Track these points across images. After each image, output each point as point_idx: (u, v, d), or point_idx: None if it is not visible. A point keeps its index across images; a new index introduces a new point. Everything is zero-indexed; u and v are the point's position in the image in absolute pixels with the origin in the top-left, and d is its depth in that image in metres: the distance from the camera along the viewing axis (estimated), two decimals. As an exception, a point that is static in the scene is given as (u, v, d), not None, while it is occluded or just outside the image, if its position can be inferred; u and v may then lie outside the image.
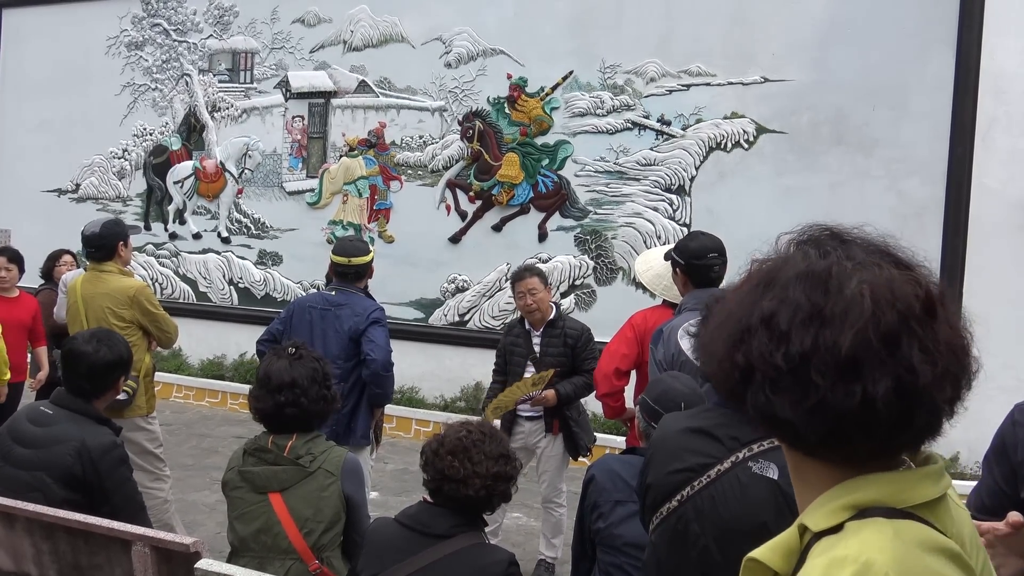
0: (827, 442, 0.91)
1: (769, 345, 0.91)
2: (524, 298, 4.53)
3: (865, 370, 0.87)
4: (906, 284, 0.91)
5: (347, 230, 8.35)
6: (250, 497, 2.64)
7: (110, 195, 9.67)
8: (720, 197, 6.93)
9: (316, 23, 8.53)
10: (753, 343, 0.92)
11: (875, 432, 0.89)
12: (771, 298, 0.94)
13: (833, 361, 0.88)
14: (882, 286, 0.90)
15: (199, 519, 5.33)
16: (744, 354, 0.93)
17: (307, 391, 2.64)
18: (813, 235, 1.00)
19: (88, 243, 4.40)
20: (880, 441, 0.90)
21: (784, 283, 0.94)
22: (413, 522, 2.28)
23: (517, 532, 5.35)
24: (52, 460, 2.81)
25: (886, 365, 0.87)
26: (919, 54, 6.32)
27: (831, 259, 0.94)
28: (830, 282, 0.91)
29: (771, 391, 0.91)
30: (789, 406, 0.90)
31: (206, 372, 8.77)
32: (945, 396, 0.90)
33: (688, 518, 1.78)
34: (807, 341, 0.89)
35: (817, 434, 0.90)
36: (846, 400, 0.87)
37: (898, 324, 0.88)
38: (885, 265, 0.93)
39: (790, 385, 0.90)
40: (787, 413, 0.90)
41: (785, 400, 0.90)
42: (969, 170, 6.16)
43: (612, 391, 4.03)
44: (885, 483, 0.92)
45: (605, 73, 7.32)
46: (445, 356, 7.86)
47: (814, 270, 0.93)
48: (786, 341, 0.90)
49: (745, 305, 0.96)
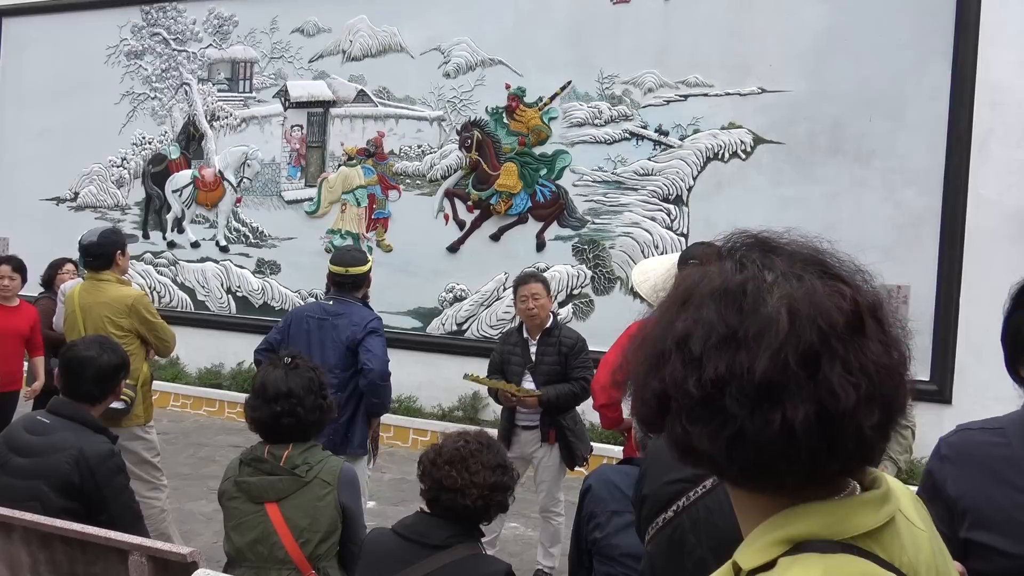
0: (750, 474, 0.84)
1: (683, 371, 0.84)
2: (527, 302, 4.53)
3: (784, 395, 0.80)
4: (829, 297, 0.83)
5: (345, 239, 8.37)
6: (246, 507, 2.64)
7: (108, 203, 9.68)
8: (718, 207, 6.95)
9: (315, 33, 8.57)
10: (667, 369, 0.86)
11: (797, 461, 0.81)
12: (685, 318, 0.87)
13: (749, 387, 0.81)
14: (801, 300, 0.83)
15: (196, 528, 5.32)
16: (659, 380, 0.87)
17: (303, 401, 2.65)
18: (735, 245, 0.93)
19: (86, 252, 4.41)
20: (805, 470, 0.82)
21: (699, 301, 0.87)
22: (410, 532, 2.28)
23: (515, 542, 5.35)
24: (50, 468, 2.82)
25: (805, 389, 0.80)
26: (915, 65, 6.35)
27: (747, 273, 0.87)
28: (745, 300, 0.84)
29: (687, 421, 0.84)
30: (707, 437, 0.83)
31: (204, 381, 8.76)
32: (872, 421, 0.82)
33: (684, 528, 1.78)
34: (721, 366, 0.82)
35: (738, 466, 0.83)
36: (765, 429, 0.80)
37: (818, 343, 0.81)
38: (808, 277, 0.85)
39: (706, 414, 0.83)
40: (705, 444, 0.84)
41: (702, 431, 0.83)
42: (965, 180, 6.19)
43: (609, 402, 4.03)
44: (819, 514, 0.84)
45: (603, 83, 7.35)
46: (443, 365, 7.85)
47: (728, 287, 0.86)
48: (699, 367, 0.83)
49: (662, 326, 0.89)
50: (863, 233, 6.41)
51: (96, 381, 3.07)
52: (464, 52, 7.89)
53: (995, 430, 1.72)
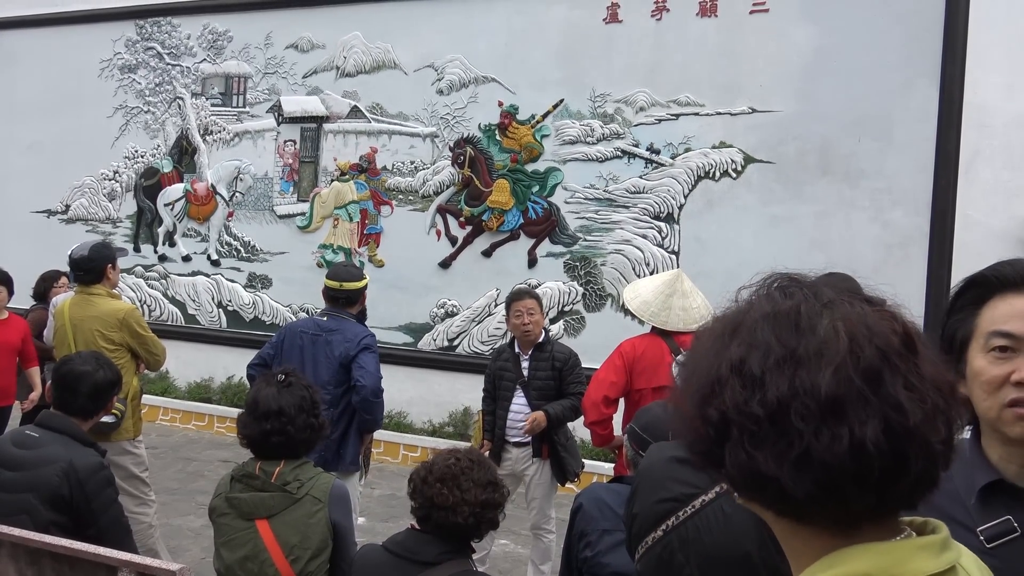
0: (817, 499, 0.81)
1: (743, 393, 0.83)
2: (521, 317, 4.54)
3: (849, 411, 0.79)
4: (881, 320, 0.85)
5: (337, 254, 8.38)
6: (237, 524, 2.64)
7: (100, 216, 9.66)
8: (708, 225, 7.00)
9: (309, 49, 8.61)
10: (725, 394, 0.84)
11: (867, 481, 0.80)
12: (738, 344, 0.86)
13: (814, 403, 0.80)
14: (855, 322, 0.84)
15: (184, 544, 5.29)
16: (716, 408, 0.85)
17: (294, 420, 2.64)
18: (774, 281, 0.94)
19: (76, 266, 4.40)
20: (874, 492, 0.81)
21: (751, 327, 0.87)
22: (401, 549, 2.28)
23: (505, 559, 5.34)
24: (39, 481, 2.81)
25: (871, 404, 0.80)
26: (904, 87, 6.43)
27: (797, 298, 0.88)
28: (800, 321, 0.85)
29: (751, 445, 0.82)
30: (773, 460, 0.81)
31: (193, 395, 8.73)
32: (940, 436, 0.82)
33: (673, 548, 1.80)
34: (783, 385, 0.81)
35: (805, 489, 0.80)
36: (833, 446, 0.79)
37: (878, 360, 0.81)
38: (856, 302, 0.87)
39: (771, 436, 0.81)
40: (771, 468, 0.81)
41: (768, 454, 0.81)
42: (953, 201, 6.25)
43: (600, 419, 4.05)
44: (876, 554, 0.82)
45: (595, 102, 7.40)
46: (434, 381, 7.86)
47: (780, 310, 0.87)
48: (761, 387, 0.82)
49: (711, 357, 0.88)
50: (852, 252, 6.47)
51: (91, 396, 3.08)
52: (457, 69, 7.94)
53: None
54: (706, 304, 4.15)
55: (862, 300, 0.89)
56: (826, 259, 6.52)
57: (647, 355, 4.01)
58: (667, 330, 4.06)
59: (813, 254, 6.57)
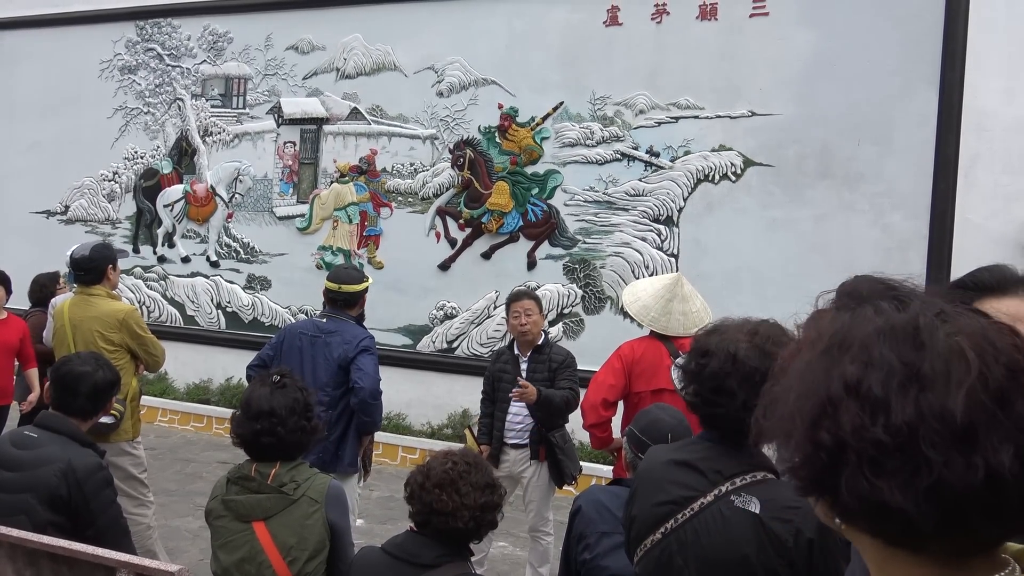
0: (944, 530, 0.75)
1: (863, 417, 0.76)
2: (519, 318, 4.54)
3: (982, 436, 0.73)
4: (1000, 334, 0.79)
5: (336, 256, 8.38)
6: (233, 526, 2.63)
7: (99, 217, 9.66)
8: (708, 228, 7.00)
9: (309, 50, 8.61)
10: (841, 417, 0.77)
11: (1001, 511, 0.74)
12: (852, 361, 0.79)
13: (946, 429, 0.73)
14: (978, 338, 0.77)
15: (182, 546, 5.28)
16: (830, 431, 0.78)
17: (285, 421, 2.64)
18: (867, 288, 0.87)
19: (77, 266, 4.40)
20: (1006, 525, 0.76)
21: (863, 342, 0.80)
22: (400, 551, 2.28)
23: (503, 561, 5.33)
24: (37, 481, 2.81)
25: (1003, 428, 0.74)
26: (903, 91, 6.44)
27: (912, 310, 0.81)
28: (919, 336, 0.78)
29: (873, 473, 0.76)
30: (899, 490, 0.75)
31: (192, 396, 8.73)
32: None
33: (671, 551, 1.80)
34: (909, 408, 0.75)
35: (933, 521, 0.74)
36: (968, 475, 0.73)
37: (1007, 379, 0.75)
38: (969, 314, 0.81)
39: (897, 464, 0.75)
40: (898, 499, 0.75)
41: (893, 483, 0.75)
42: (952, 205, 6.26)
43: (599, 422, 4.04)
44: None
45: (595, 104, 7.41)
46: (433, 383, 7.86)
47: (896, 324, 0.80)
48: (884, 410, 0.76)
49: (817, 374, 0.81)
50: (851, 256, 6.47)
51: (91, 397, 3.09)
52: (457, 71, 7.95)
53: None
54: (705, 307, 4.15)
55: (972, 312, 0.83)
56: (825, 263, 6.54)
57: (646, 358, 4.01)
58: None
59: (812, 258, 6.58)
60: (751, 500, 1.75)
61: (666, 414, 2.41)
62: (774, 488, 1.81)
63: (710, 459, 1.80)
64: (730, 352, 1.76)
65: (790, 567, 1.74)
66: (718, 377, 1.76)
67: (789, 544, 1.73)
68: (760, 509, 1.75)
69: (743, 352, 1.76)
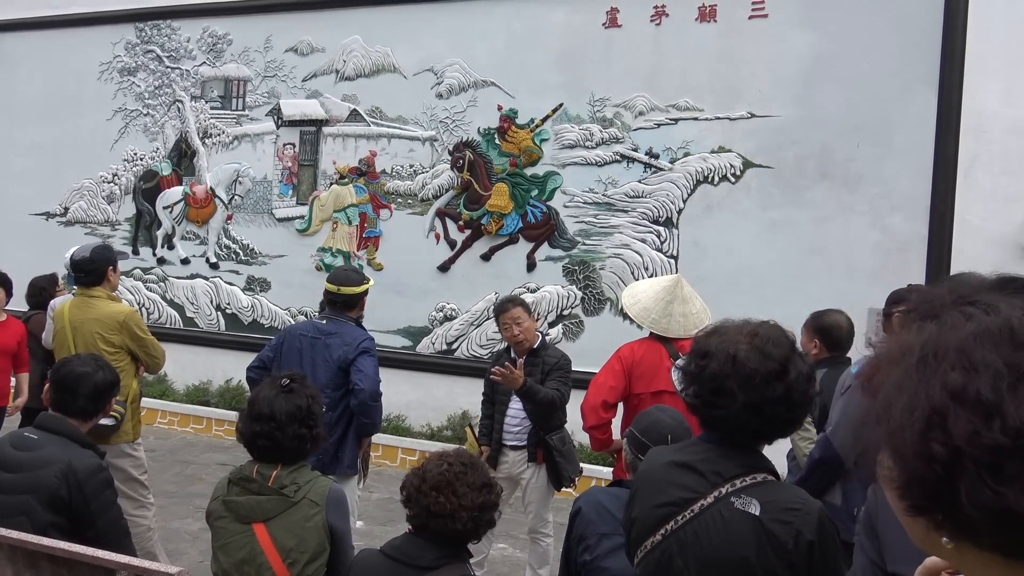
0: None
1: (976, 422, 0.75)
2: (510, 328, 4.54)
3: None
4: None
5: (336, 257, 8.38)
6: (234, 527, 2.63)
7: (99, 219, 9.66)
8: (707, 230, 7.00)
9: (309, 52, 8.61)
10: (952, 426, 0.76)
11: None
12: (952, 368, 0.78)
13: None
14: None
15: (182, 547, 5.28)
16: (942, 442, 0.76)
17: (283, 427, 2.63)
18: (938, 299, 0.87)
19: (77, 268, 4.40)
20: None
21: (960, 348, 0.79)
22: (399, 553, 2.28)
23: (503, 563, 5.33)
24: (38, 483, 2.81)
25: None
26: (902, 93, 6.44)
27: (1002, 312, 0.81)
28: (1016, 336, 0.78)
29: (995, 480, 0.73)
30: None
31: (191, 398, 8.72)
32: None
33: (671, 552, 1.80)
34: (1023, 410, 0.74)
35: None
36: None
37: None
38: None
39: (1019, 467, 0.73)
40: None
41: (1018, 487, 0.73)
42: (951, 206, 6.26)
43: (599, 423, 4.04)
44: None
45: (594, 106, 7.41)
46: (432, 385, 7.86)
47: (991, 327, 0.79)
48: (999, 413, 0.74)
49: (915, 387, 0.80)
50: (850, 258, 6.48)
51: (91, 398, 3.10)
52: (457, 73, 7.95)
53: None
54: (705, 309, 4.15)
55: None
56: (825, 264, 6.55)
57: (646, 359, 4.01)
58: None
59: (811, 259, 6.58)
60: (751, 502, 1.76)
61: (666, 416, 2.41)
62: (774, 490, 1.81)
63: (710, 461, 1.81)
64: (730, 354, 1.76)
65: (790, 569, 1.74)
66: (718, 378, 1.77)
67: (789, 546, 1.74)
68: (760, 511, 1.75)
69: (743, 354, 1.76)
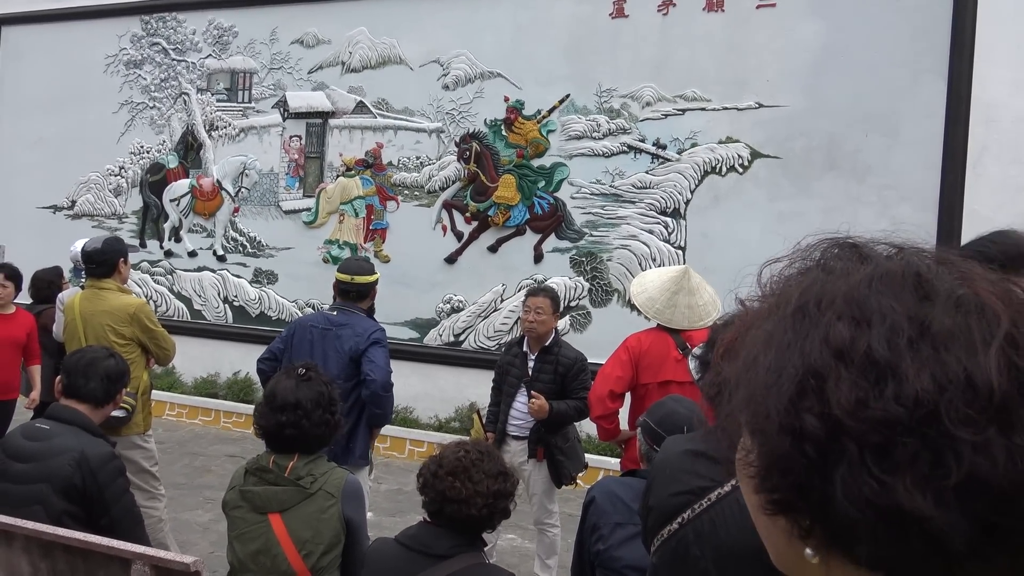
0: (982, 549, 0.55)
1: (864, 387, 0.57)
2: (529, 314, 4.56)
3: (1021, 412, 0.55)
4: (1003, 285, 0.62)
5: (343, 249, 8.38)
6: (250, 517, 2.64)
7: (106, 212, 9.68)
8: (714, 221, 6.99)
9: (315, 44, 8.60)
10: (831, 392, 0.58)
11: None
12: (837, 317, 0.61)
13: (977, 400, 0.55)
14: (995, 288, 0.61)
15: (192, 539, 5.31)
16: (817, 414, 0.58)
17: (310, 414, 2.65)
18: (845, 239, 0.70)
19: (89, 259, 4.41)
20: None
21: (850, 295, 0.62)
22: (414, 542, 2.29)
23: (512, 554, 5.34)
24: (52, 471, 2.83)
25: None
26: (911, 83, 6.42)
27: (906, 256, 0.65)
28: (922, 284, 0.61)
29: (882, 467, 0.56)
30: (917, 488, 0.55)
31: (199, 390, 8.75)
32: None
33: (688, 541, 1.80)
34: (924, 374, 0.56)
35: (965, 533, 0.54)
36: (1011, 465, 0.54)
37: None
38: (975, 263, 0.64)
39: (914, 450, 0.55)
40: (918, 501, 0.54)
41: (910, 478, 0.55)
42: (961, 197, 6.24)
43: (606, 413, 4.05)
44: None
45: (601, 97, 7.40)
46: (440, 376, 7.87)
47: (890, 270, 0.63)
48: (893, 376, 0.57)
49: (787, 343, 0.62)
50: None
51: (103, 380, 3.11)
52: (463, 65, 7.94)
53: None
54: (715, 300, 4.14)
55: (974, 261, 0.65)
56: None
57: (653, 350, 4.01)
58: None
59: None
60: (769, 490, 1.75)
61: (681, 406, 2.41)
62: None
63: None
64: (747, 343, 1.76)
65: (806, 557, 1.74)
66: (735, 368, 1.76)
67: (806, 534, 1.73)
68: (777, 499, 1.74)
69: (760, 343, 1.75)
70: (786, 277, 0.70)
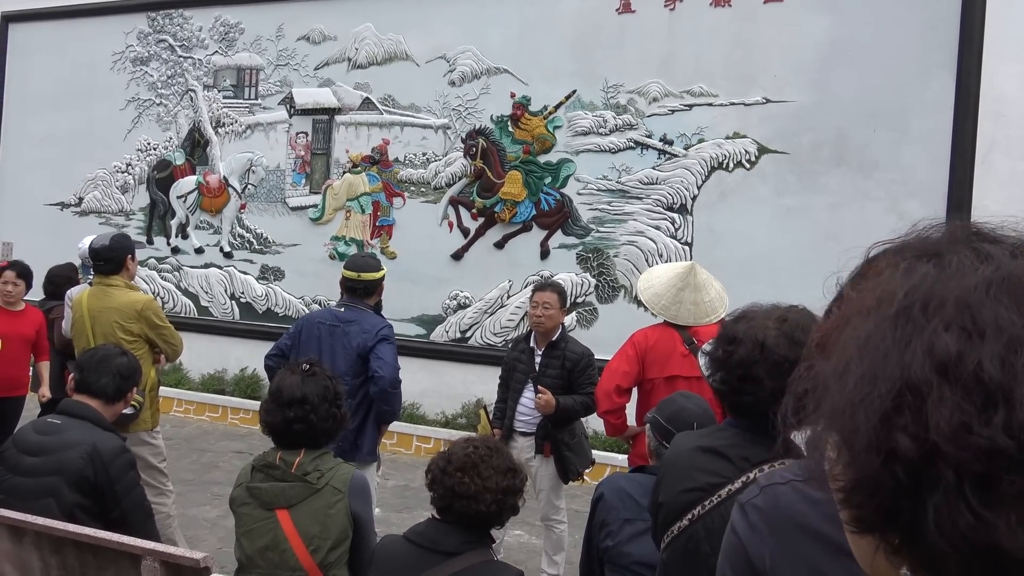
0: None
1: (967, 411, 0.51)
2: (536, 308, 4.56)
3: None
4: None
5: (350, 246, 8.39)
6: (257, 513, 2.65)
7: (113, 209, 9.70)
8: (722, 216, 6.97)
9: (321, 40, 8.60)
10: (931, 412, 0.52)
11: None
12: (945, 327, 0.54)
13: None
14: None
15: (200, 535, 5.32)
16: (912, 434, 0.52)
17: (317, 408, 2.66)
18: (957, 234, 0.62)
19: (97, 256, 4.42)
20: None
21: (963, 300, 0.55)
22: (422, 539, 2.29)
23: (519, 550, 5.35)
24: (64, 464, 2.85)
25: None
26: (919, 77, 6.38)
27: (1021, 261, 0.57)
28: None
29: (982, 501, 0.50)
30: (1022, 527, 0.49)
31: (207, 386, 8.77)
32: None
33: (698, 537, 1.80)
34: None
35: None
36: None
37: None
38: None
39: (1022, 488, 0.49)
40: (1021, 541, 0.49)
41: (1014, 516, 0.49)
42: (969, 192, 6.21)
43: (613, 408, 4.05)
44: None
45: (608, 92, 7.38)
46: (446, 372, 7.87)
47: (1013, 274, 0.55)
48: (1005, 401, 0.51)
49: (887, 349, 0.56)
50: (866, 244, 6.40)
51: (115, 376, 3.13)
52: (469, 61, 7.93)
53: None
54: (722, 296, 4.13)
55: None
56: (840, 251, 6.49)
57: (659, 345, 4.00)
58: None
59: (827, 245, 6.53)
60: (780, 487, 1.75)
61: (691, 403, 2.40)
62: (801, 475, 1.79)
63: (737, 446, 1.80)
64: (758, 340, 1.75)
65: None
66: (745, 365, 1.75)
67: (816, 531, 1.73)
68: (788, 496, 1.74)
69: (771, 340, 1.74)
70: (893, 265, 0.63)
